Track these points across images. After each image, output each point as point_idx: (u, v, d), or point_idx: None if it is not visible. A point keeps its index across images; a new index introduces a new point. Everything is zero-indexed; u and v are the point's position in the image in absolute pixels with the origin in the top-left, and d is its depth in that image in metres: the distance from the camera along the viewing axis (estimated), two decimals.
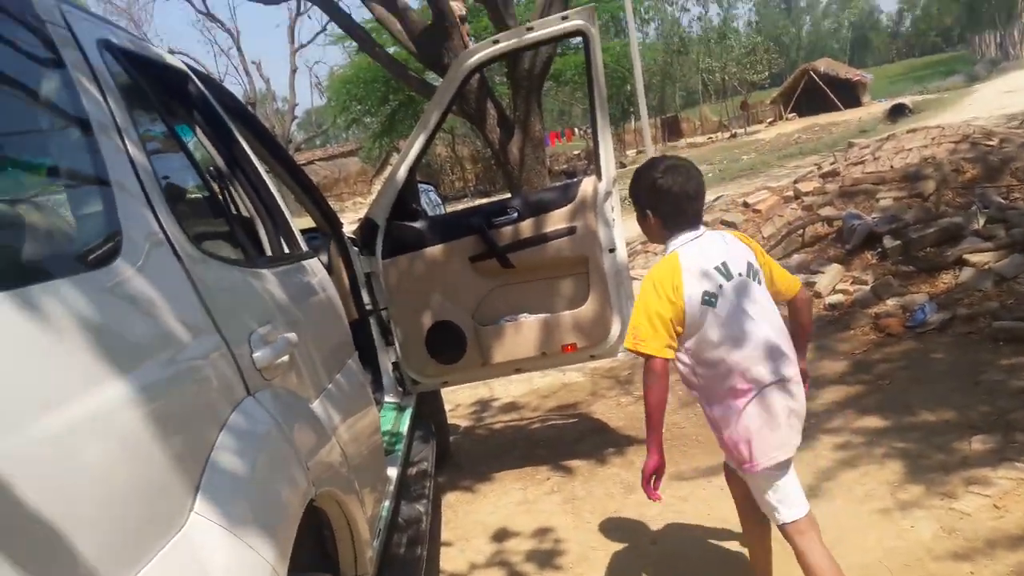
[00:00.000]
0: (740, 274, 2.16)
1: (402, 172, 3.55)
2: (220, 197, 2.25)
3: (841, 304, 5.45)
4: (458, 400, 5.30)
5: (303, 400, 1.89)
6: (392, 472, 2.81)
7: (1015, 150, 7.02)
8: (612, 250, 3.45)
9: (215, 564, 1.18)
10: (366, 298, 3.59)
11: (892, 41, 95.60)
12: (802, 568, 2.13)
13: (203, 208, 2.27)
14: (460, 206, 6.33)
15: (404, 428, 3.29)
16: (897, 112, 23.62)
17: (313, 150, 37.31)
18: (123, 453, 1.09)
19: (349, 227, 3.75)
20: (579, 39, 3.49)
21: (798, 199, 7.81)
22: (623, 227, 3.55)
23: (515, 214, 3.50)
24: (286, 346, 1.80)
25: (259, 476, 1.43)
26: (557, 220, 3.46)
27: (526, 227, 3.48)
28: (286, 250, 2.45)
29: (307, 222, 3.65)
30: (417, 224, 3.59)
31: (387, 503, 2.59)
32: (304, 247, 2.59)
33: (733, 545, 2.88)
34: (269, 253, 2.36)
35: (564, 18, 3.40)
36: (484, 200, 17.37)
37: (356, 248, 3.59)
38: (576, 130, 32.61)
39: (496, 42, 3.48)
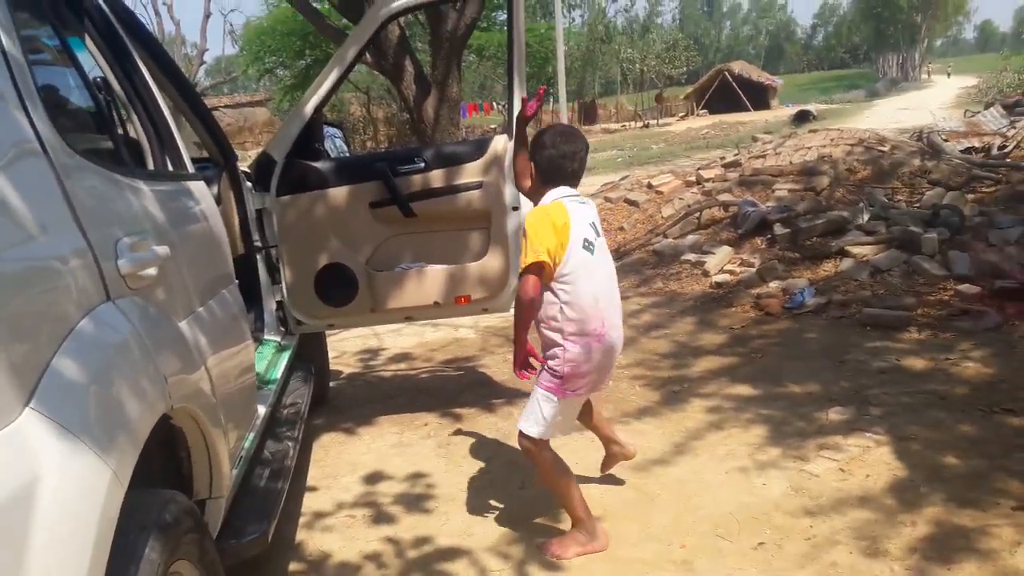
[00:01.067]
0: (599, 234, 2.51)
1: (309, 107, 3.40)
2: (105, 107, 2.14)
3: (727, 283, 5.64)
4: (345, 348, 5.22)
5: (168, 314, 1.83)
6: (262, 407, 2.74)
7: (904, 157, 7.43)
8: (516, 208, 3.43)
9: (47, 461, 1.11)
10: (255, 234, 3.46)
11: (804, 52, 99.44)
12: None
13: (84, 115, 2.16)
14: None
15: (281, 366, 3.20)
16: (802, 118, 24.59)
17: (220, 96, 35.80)
18: None
19: (246, 165, 3.60)
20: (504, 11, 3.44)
21: (700, 184, 8.04)
22: None
23: (422, 163, 3.43)
24: (155, 258, 1.76)
25: (108, 379, 1.37)
26: (464, 174, 3.41)
27: (432, 177, 3.42)
28: (171, 169, 2.37)
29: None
30: (318, 164, 3.47)
31: (252, 435, 2.52)
32: (191, 169, 2.51)
33: (596, 488, 2.95)
34: (151, 168, 2.27)
35: None
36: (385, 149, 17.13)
37: (250, 184, 3.46)
38: (495, 104, 32.48)
39: None
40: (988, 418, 3.22)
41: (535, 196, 2.61)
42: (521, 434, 2.54)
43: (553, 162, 2.51)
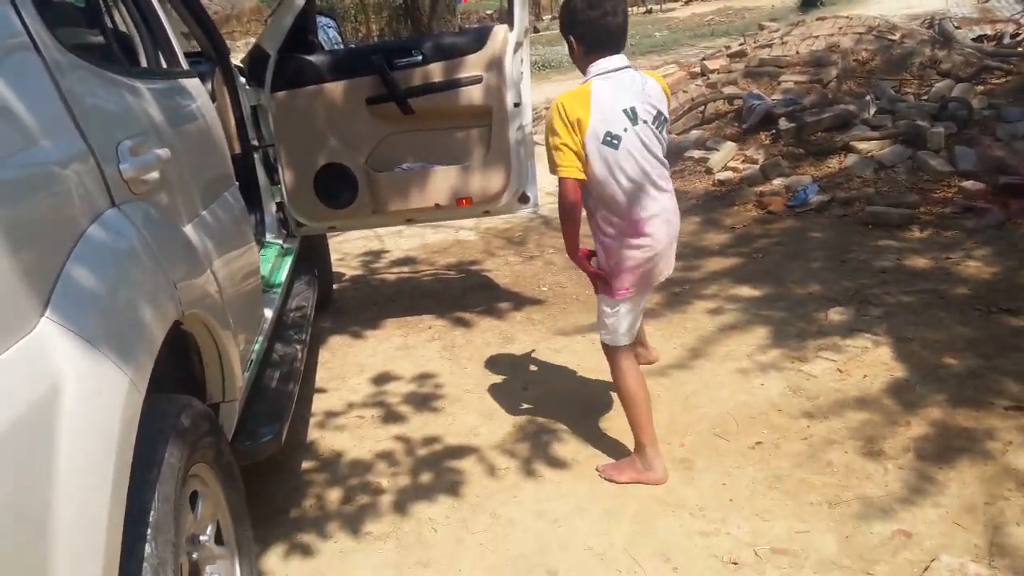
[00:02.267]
0: (645, 121, 2.24)
1: None
2: (96, 4, 2.05)
3: (730, 180, 5.58)
4: (346, 250, 5.22)
5: (173, 219, 1.82)
6: (269, 311, 2.76)
7: (915, 46, 7.20)
8: (517, 104, 3.33)
9: (66, 370, 1.12)
10: (251, 133, 3.39)
11: None
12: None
13: (75, 13, 2.08)
14: None
15: (285, 270, 3.21)
16: (810, 3, 23.60)
17: None
18: None
19: (238, 59, 3.48)
20: None
21: (704, 76, 7.82)
22: (531, 83, 3.44)
23: (419, 56, 3.30)
24: (156, 161, 1.74)
25: (120, 287, 1.38)
26: (464, 67, 3.29)
27: (430, 71, 3.30)
28: (164, 66, 2.30)
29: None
30: (312, 57, 3.35)
31: (261, 339, 2.55)
32: (185, 67, 2.43)
33: (597, 389, 3.02)
34: (145, 66, 2.19)
35: None
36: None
37: (244, 79, 3.35)
38: None
39: None
40: (986, 318, 3.25)
41: (583, 71, 2.32)
42: (602, 344, 2.50)
43: (592, 25, 2.21)
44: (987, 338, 3.09)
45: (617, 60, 2.25)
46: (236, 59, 3.46)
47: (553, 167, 2.25)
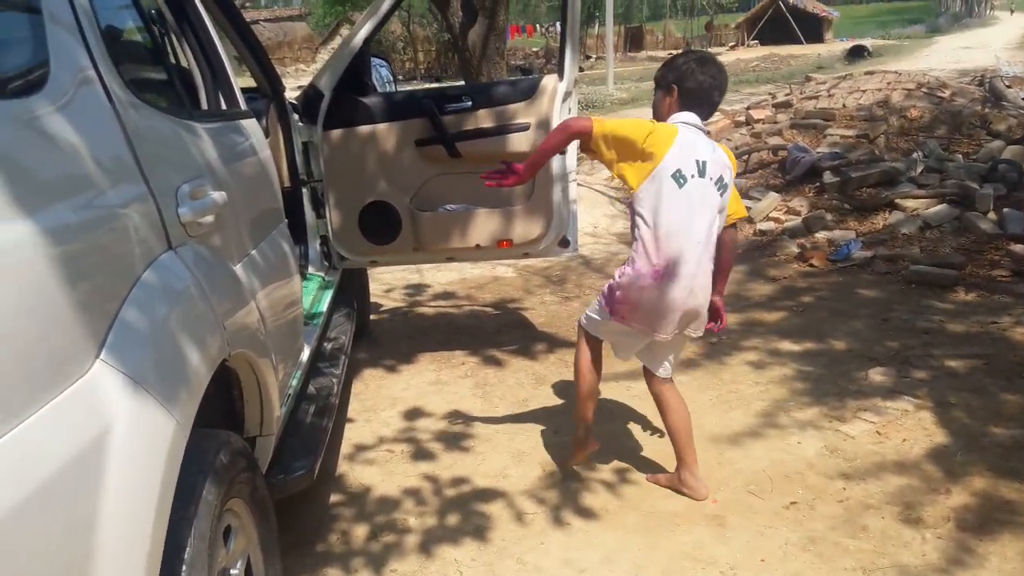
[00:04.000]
0: (711, 179, 2.33)
1: (359, 39, 3.34)
2: (161, 43, 2.11)
3: (771, 231, 5.55)
4: (385, 281, 5.27)
5: (225, 261, 1.85)
6: (308, 344, 2.79)
7: (965, 104, 7.15)
8: (563, 153, 3.38)
9: (118, 413, 1.15)
10: (301, 168, 3.47)
11: None
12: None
13: (142, 53, 2.15)
14: (409, 88, 6.15)
15: (326, 302, 3.25)
16: (856, 53, 23.67)
17: (259, 10, 35.38)
18: (25, 292, 1.03)
19: (291, 93, 3.58)
20: None
21: (748, 125, 7.84)
22: None
23: (469, 102, 3.38)
24: (213, 205, 1.77)
25: (173, 330, 1.40)
26: (512, 114, 3.36)
27: (479, 117, 3.37)
28: (224, 107, 2.36)
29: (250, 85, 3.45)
30: (365, 99, 3.44)
31: (299, 373, 2.58)
32: (244, 106, 2.49)
33: (630, 438, 3.00)
34: (206, 107, 2.25)
35: None
36: (434, 85, 16.87)
37: (296, 115, 3.44)
38: (538, 26, 31.70)
39: None
40: None
41: (661, 119, 2.46)
42: (578, 322, 2.68)
43: (701, 88, 2.39)
44: None
45: (700, 121, 2.40)
46: (286, 83, 3.54)
47: (597, 126, 2.35)
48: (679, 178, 2.28)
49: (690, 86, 2.39)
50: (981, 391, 3.17)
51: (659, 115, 2.48)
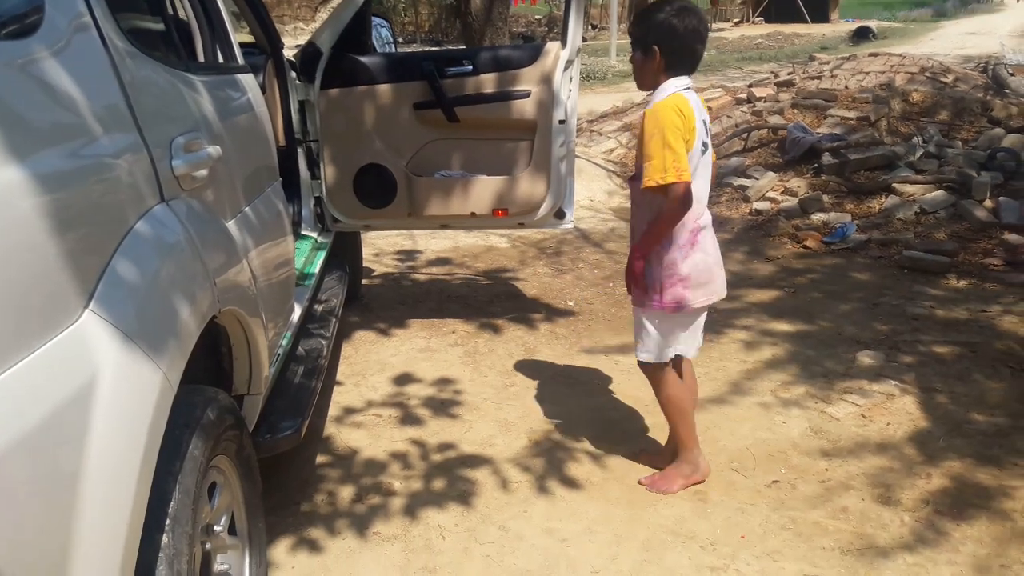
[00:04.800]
0: (709, 135, 2.35)
1: None
2: None
3: (766, 211, 5.55)
4: (379, 247, 5.25)
5: (218, 216, 1.84)
6: (299, 305, 2.79)
7: (967, 91, 7.11)
8: (563, 121, 3.35)
9: (105, 363, 1.15)
10: (297, 127, 3.43)
11: None
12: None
13: (140, 2, 2.10)
14: (409, 51, 6.06)
15: (318, 264, 3.24)
16: (861, 35, 23.50)
17: None
18: (14, 239, 1.02)
19: (289, 52, 3.53)
20: None
21: (750, 103, 7.79)
22: (578, 101, 3.45)
23: (470, 67, 3.34)
24: (207, 159, 1.76)
25: (163, 283, 1.40)
26: (513, 81, 3.32)
27: (479, 82, 3.33)
28: (221, 60, 2.33)
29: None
30: (364, 58, 3.39)
31: (289, 333, 2.58)
32: (241, 60, 2.46)
33: (616, 410, 3.02)
34: (202, 60, 2.22)
35: None
36: (434, 48, 16.69)
37: (294, 73, 3.40)
38: None
39: None
40: (1018, 376, 3.20)
41: (649, 86, 2.32)
42: (640, 363, 2.49)
43: (686, 45, 2.22)
44: (1018, 397, 3.04)
45: (690, 80, 2.30)
46: (284, 41, 3.50)
47: (663, 172, 2.14)
48: (703, 149, 2.28)
49: (674, 46, 2.22)
50: (966, 378, 3.20)
51: (643, 79, 2.32)
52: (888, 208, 5.27)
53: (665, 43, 2.22)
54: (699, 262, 2.32)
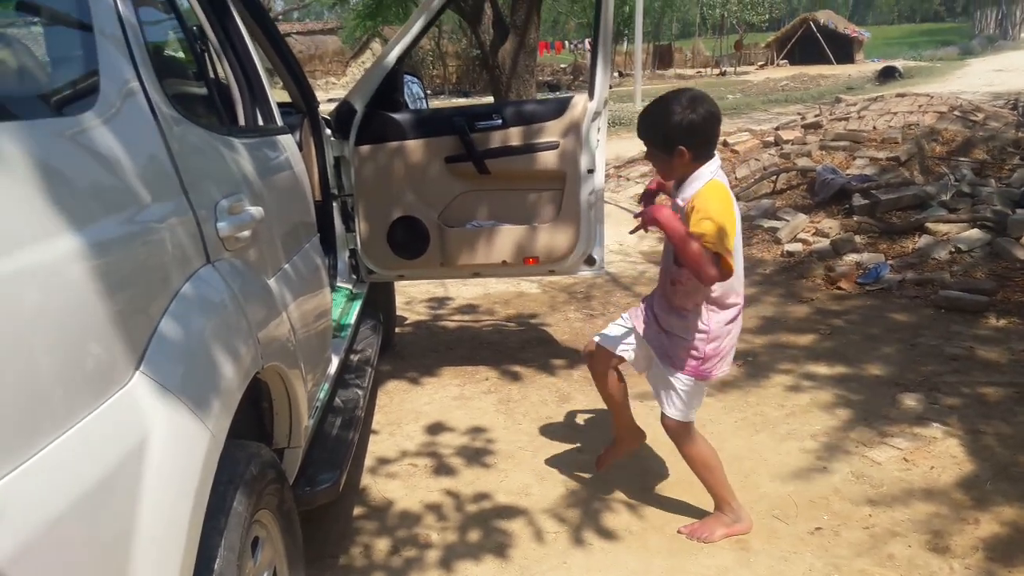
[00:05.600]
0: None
1: (392, 57, 3.40)
2: (202, 58, 2.16)
3: (798, 253, 5.52)
4: (410, 294, 5.30)
5: (260, 275, 1.88)
6: (336, 356, 2.82)
7: (998, 128, 7.06)
8: (591, 171, 3.40)
9: (155, 424, 1.18)
10: (332, 182, 3.52)
11: (896, 2, 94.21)
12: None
13: (183, 68, 2.19)
14: (437, 103, 6.21)
15: (353, 315, 3.29)
16: (887, 74, 23.53)
17: (291, 23, 35.93)
18: (69, 305, 1.06)
19: (322, 108, 3.63)
20: None
21: (777, 145, 7.81)
22: (605, 150, 3.50)
23: (499, 120, 3.42)
24: (250, 220, 1.80)
25: (209, 343, 1.42)
26: (541, 133, 3.38)
27: (508, 135, 3.40)
28: (261, 123, 2.41)
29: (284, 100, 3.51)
30: (397, 115, 3.49)
31: (327, 385, 2.60)
32: (280, 122, 2.53)
33: (653, 459, 2.98)
34: (243, 123, 2.30)
35: None
36: (463, 100, 16.97)
37: (329, 130, 3.50)
38: (567, 43, 31.81)
39: None
40: None
41: (679, 177, 2.29)
42: (669, 422, 2.50)
43: (710, 132, 2.22)
44: None
45: (718, 158, 2.30)
46: (316, 95, 3.60)
47: (722, 245, 2.12)
48: (740, 225, 2.27)
49: (699, 140, 2.20)
50: (1011, 419, 3.12)
51: (671, 174, 2.31)
52: (922, 248, 5.21)
53: (690, 140, 2.19)
54: (734, 337, 2.42)
